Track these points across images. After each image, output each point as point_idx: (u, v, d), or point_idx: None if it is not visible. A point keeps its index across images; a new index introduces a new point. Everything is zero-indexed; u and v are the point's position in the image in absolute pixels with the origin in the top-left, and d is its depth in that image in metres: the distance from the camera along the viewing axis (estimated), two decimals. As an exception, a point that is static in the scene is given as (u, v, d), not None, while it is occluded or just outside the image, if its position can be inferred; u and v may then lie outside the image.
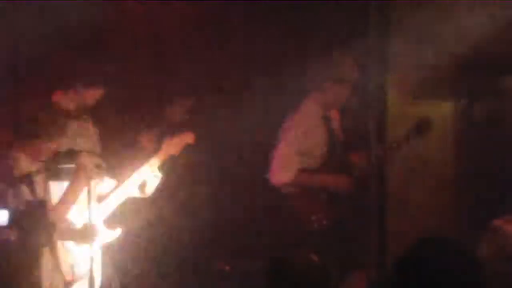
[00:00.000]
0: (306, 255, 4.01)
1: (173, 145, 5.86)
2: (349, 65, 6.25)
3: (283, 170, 6.14)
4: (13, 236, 4.85)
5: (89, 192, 5.23)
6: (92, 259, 5.30)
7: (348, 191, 6.29)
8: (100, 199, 5.69)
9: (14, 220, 4.71)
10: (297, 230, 6.17)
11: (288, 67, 7.18)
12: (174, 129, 6.02)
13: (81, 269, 5.41)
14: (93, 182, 5.34)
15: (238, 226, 7.07)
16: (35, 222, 4.87)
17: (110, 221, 5.71)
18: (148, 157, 5.84)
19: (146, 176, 5.76)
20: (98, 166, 5.29)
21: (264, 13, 7.20)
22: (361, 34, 7.29)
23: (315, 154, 6.24)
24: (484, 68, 7.39)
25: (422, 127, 6.39)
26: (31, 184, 5.05)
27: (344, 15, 7.27)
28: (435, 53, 7.32)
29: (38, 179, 5.11)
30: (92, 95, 5.70)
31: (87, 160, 5.23)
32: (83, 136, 5.59)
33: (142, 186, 5.78)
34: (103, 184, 5.67)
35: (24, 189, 5.02)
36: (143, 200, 5.93)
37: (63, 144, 5.38)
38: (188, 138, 5.93)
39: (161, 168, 5.87)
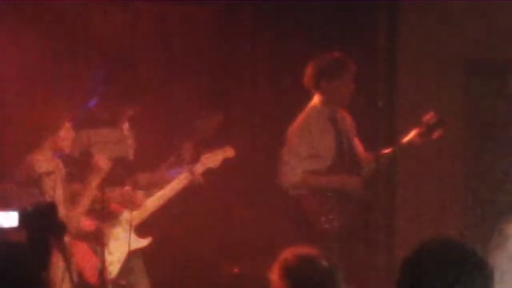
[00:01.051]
0: (315, 257, 4.01)
1: (213, 159, 5.90)
2: (340, 60, 6.21)
3: (289, 173, 6.14)
4: (22, 238, 4.86)
5: (102, 193, 5.28)
6: (105, 262, 5.35)
7: (357, 192, 6.28)
8: (136, 206, 5.72)
9: (23, 222, 4.71)
10: (306, 232, 6.17)
11: (294, 67, 7.20)
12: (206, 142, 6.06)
13: (111, 273, 5.46)
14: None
15: (247, 228, 7.08)
16: (45, 223, 4.87)
17: (141, 229, 5.75)
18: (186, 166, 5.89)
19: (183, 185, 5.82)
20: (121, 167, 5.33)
21: (270, 14, 7.23)
22: (369, 34, 7.32)
23: (323, 156, 6.22)
24: (488, 69, 7.41)
25: (434, 125, 6.38)
26: (41, 185, 5.07)
27: (352, 14, 7.28)
28: (442, 53, 7.34)
29: (48, 180, 5.13)
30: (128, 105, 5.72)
31: (101, 163, 5.25)
32: (113, 141, 5.60)
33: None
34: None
35: (34, 191, 5.04)
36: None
37: (79, 146, 5.41)
38: (228, 152, 5.98)
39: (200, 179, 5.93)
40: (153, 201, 5.74)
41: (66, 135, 5.22)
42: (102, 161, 5.26)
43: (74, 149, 5.38)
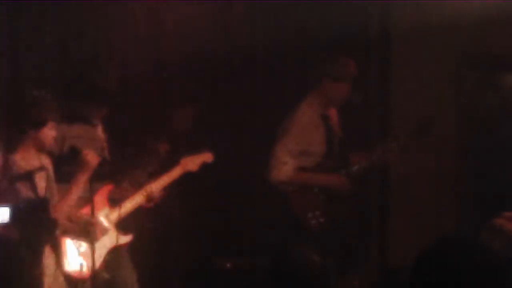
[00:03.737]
0: (307, 253, 4.02)
1: (192, 162, 5.94)
2: (347, 62, 6.21)
3: (280, 169, 6.13)
4: (14, 233, 4.86)
5: (91, 191, 5.26)
6: (94, 257, 5.34)
7: (346, 190, 6.27)
8: (115, 202, 5.74)
9: (15, 218, 4.71)
10: (294, 228, 6.17)
11: (287, 65, 7.18)
12: (184, 137, 6.05)
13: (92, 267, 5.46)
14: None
15: (239, 224, 7.09)
16: (37, 219, 4.87)
17: (123, 225, 5.77)
18: (163, 165, 5.91)
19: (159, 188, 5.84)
20: (102, 166, 5.31)
21: (265, 12, 7.21)
22: (363, 33, 7.31)
23: (313, 153, 6.21)
24: (485, 65, 7.41)
25: (424, 126, 6.36)
26: (32, 182, 5.05)
27: (345, 13, 7.26)
28: (435, 50, 7.33)
29: (39, 177, 5.12)
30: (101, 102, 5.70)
31: (90, 158, 5.23)
32: (89, 140, 5.58)
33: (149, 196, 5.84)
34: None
35: (25, 187, 5.02)
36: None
37: (67, 144, 5.40)
38: (207, 157, 6.02)
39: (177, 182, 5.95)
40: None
41: (49, 133, 5.18)
42: (91, 156, 5.24)
43: (56, 144, 5.36)
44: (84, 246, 5.53)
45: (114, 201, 5.74)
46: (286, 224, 6.19)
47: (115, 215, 5.71)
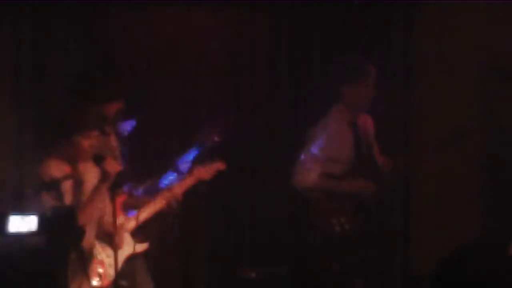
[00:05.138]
0: (329, 262, 4.02)
1: (205, 171, 6.02)
2: (362, 65, 6.19)
3: (306, 175, 6.13)
4: (42, 242, 4.88)
5: (113, 200, 5.28)
6: (117, 267, 5.36)
7: (373, 197, 6.26)
8: (130, 209, 5.77)
9: (43, 226, 4.73)
10: (320, 236, 6.16)
11: (312, 73, 7.20)
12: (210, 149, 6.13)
13: (111, 275, 5.48)
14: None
15: (263, 232, 7.09)
16: (64, 228, 4.89)
17: (139, 233, 5.80)
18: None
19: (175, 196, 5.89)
20: (120, 174, 5.33)
21: (286, 21, 7.23)
22: (386, 40, 7.31)
23: (341, 160, 6.21)
24: (505, 74, 7.39)
25: (460, 136, 6.38)
26: (59, 190, 5.08)
27: (368, 19, 7.27)
28: (460, 59, 7.33)
29: (67, 185, 5.14)
30: (113, 108, 5.71)
31: (111, 166, 5.25)
32: (105, 149, 5.61)
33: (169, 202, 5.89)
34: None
35: (53, 195, 5.05)
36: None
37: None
38: (219, 165, 6.10)
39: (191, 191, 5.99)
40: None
41: (84, 142, 5.22)
42: (111, 165, 5.24)
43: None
44: (101, 254, 5.56)
45: (128, 210, 5.79)
46: (311, 231, 6.18)
47: (130, 223, 5.75)
